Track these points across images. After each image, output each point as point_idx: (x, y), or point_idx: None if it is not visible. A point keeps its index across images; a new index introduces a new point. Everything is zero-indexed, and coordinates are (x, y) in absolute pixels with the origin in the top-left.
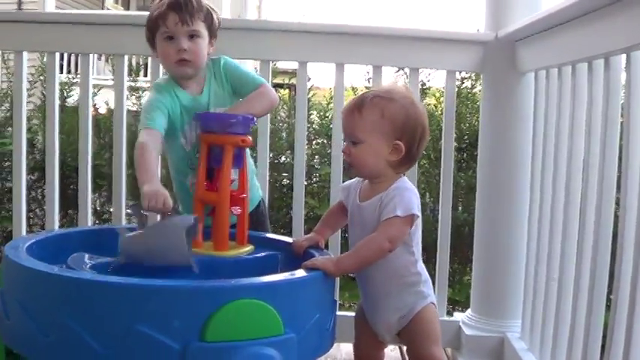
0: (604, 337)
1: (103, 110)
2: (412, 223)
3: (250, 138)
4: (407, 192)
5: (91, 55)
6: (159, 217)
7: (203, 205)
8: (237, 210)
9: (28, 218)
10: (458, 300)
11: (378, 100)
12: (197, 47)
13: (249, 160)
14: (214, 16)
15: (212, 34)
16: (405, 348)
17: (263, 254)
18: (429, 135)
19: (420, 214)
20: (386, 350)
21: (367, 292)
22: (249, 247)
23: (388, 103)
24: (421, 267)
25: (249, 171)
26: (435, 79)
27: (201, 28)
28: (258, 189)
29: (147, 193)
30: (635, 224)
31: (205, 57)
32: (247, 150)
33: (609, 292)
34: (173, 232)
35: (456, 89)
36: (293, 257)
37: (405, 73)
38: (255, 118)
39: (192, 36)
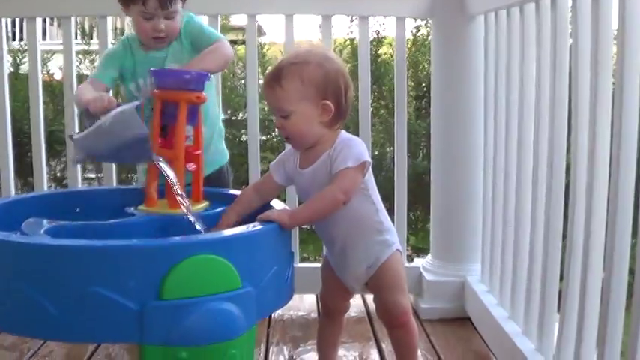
0: (561, 277)
1: (58, 76)
2: (364, 171)
3: (205, 94)
4: (353, 142)
5: (38, 20)
6: None
7: None
8: (191, 166)
9: None
10: (422, 247)
11: (293, 67)
12: (173, 24)
13: (220, 125)
14: None
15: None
16: (368, 297)
17: (219, 210)
18: (352, 84)
19: (370, 159)
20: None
21: (333, 245)
22: (205, 204)
23: (304, 67)
24: (384, 215)
25: (217, 134)
26: (390, 28)
27: (179, 5)
28: (222, 154)
29: (89, 100)
30: (586, 164)
31: (180, 27)
32: (220, 115)
33: (564, 233)
34: (123, 112)
35: (412, 37)
36: None
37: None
38: (209, 74)
39: (170, 16)
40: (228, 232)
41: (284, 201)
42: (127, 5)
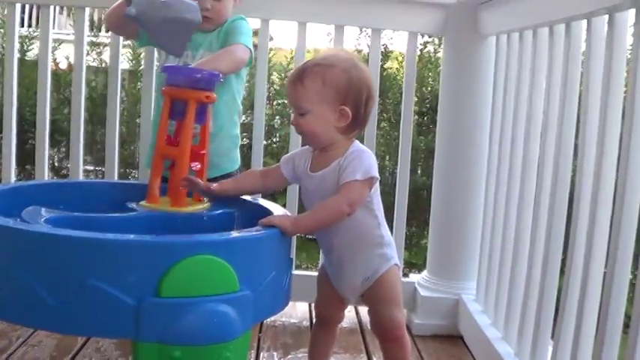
0: (557, 300)
1: (63, 65)
2: (371, 186)
3: (215, 95)
4: (364, 155)
5: (51, 8)
6: None
7: (163, 159)
8: (196, 166)
9: None
10: (415, 263)
11: (318, 68)
12: (220, 6)
13: (235, 132)
14: None
15: None
16: (361, 308)
17: (219, 211)
18: (375, 95)
19: (378, 176)
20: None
21: (331, 254)
22: (206, 204)
23: (328, 69)
24: (385, 229)
25: (230, 140)
26: (397, 42)
27: None
28: (232, 161)
29: None
30: (590, 189)
31: (228, 15)
32: (237, 122)
33: (564, 256)
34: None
35: (419, 53)
36: (249, 215)
37: (367, 35)
38: (220, 75)
39: None
40: (229, 234)
41: (284, 205)
42: None
